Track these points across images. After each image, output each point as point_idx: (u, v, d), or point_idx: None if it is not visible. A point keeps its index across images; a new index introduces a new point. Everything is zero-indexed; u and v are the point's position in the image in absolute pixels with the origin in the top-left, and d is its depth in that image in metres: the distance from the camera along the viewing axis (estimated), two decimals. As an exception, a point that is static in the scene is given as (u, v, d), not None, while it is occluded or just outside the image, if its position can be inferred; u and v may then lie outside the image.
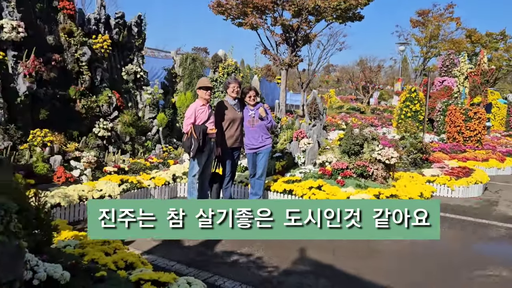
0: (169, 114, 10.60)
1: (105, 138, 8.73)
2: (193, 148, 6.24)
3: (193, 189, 6.57)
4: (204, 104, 6.34)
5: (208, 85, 6.36)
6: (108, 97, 9.24)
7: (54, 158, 7.12)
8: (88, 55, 9.01)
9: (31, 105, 7.86)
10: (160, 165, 8.87)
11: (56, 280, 2.63)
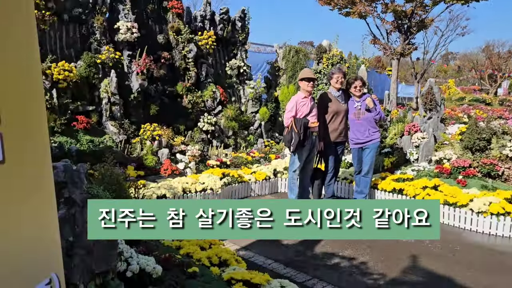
0: (272, 108, 10.56)
1: (209, 132, 9.01)
2: (294, 143, 6.05)
3: (294, 185, 6.38)
4: (306, 97, 6.10)
5: (311, 76, 6.10)
6: (212, 92, 9.52)
7: (162, 151, 7.53)
8: (194, 52, 9.38)
9: (143, 101, 8.44)
10: (261, 159, 8.86)
11: (148, 273, 2.63)
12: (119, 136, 7.57)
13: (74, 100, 7.42)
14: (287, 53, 11.62)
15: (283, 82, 11.47)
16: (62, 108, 7.24)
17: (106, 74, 7.93)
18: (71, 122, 7.22)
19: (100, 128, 7.68)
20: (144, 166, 7.16)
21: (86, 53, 7.85)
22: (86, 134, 7.26)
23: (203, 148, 8.62)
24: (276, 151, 9.44)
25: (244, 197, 7.40)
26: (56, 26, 7.82)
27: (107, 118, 7.71)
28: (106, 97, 7.66)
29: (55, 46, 7.85)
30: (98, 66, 7.85)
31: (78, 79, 7.51)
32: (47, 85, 7.07)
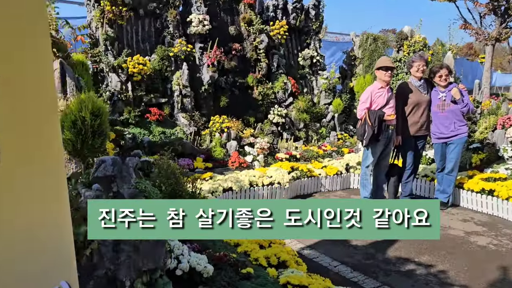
0: (346, 99, 10.11)
1: (279, 125, 8.85)
2: (367, 136, 5.68)
3: (366, 181, 6.01)
4: (383, 87, 5.70)
5: (389, 65, 5.68)
6: (283, 83, 9.33)
7: (230, 144, 7.53)
8: (265, 42, 9.25)
9: (213, 93, 8.51)
10: (333, 153, 8.51)
11: (199, 272, 2.53)
12: (189, 128, 7.70)
13: (147, 93, 7.69)
14: (364, 41, 11.02)
15: (359, 72, 10.92)
16: (137, 100, 7.53)
17: (178, 66, 8.10)
18: (144, 114, 7.49)
19: (172, 120, 7.88)
20: (213, 158, 7.21)
21: (159, 46, 8.08)
22: (158, 126, 7.49)
23: (273, 140, 8.48)
24: (349, 144, 9.02)
25: (313, 192, 7.16)
26: (132, 21, 8.15)
27: (179, 110, 7.88)
28: (177, 90, 7.83)
29: (131, 40, 8.19)
30: (170, 59, 8.04)
31: (152, 72, 7.76)
32: (123, 78, 7.40)
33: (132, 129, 7.16)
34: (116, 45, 7.65)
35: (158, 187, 2.96)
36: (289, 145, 8.28)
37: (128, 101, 7.34)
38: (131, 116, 7.21)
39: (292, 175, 6.80)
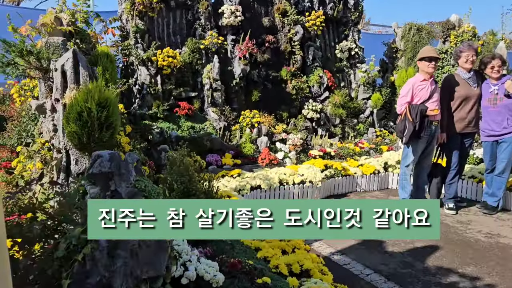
0: (386, 94, 9.59)
1: (314, 120, 8.49)
2: (407, 133, 5.27)
3: (406, 182, 5.59)
4: (426, 79, 5.27)
5: (432, 55, 5.24)
6: (319, 77, 8.96)
7: (261, 140, 7.27)
8: (300, 34, 8.91)
9: (245, 87, 8.28)
10: (371, 151, 8.07)
11: (208, 281, 2.29)
12: (219, 122, 7.51)
13: (177, 86, 7.56)
14: (406, 32, 10.41)
15: (401, 65, 10.33)
16: (166, 94, 7.42)
17: (209, 59, 7.93)
18: (173, 108, 7.37)
19: (201, 114, 7.72)
20: (242, 154, 6.99)
21: (190, 39, 7.94)
22: (187, 120, 7.35)
23: (306, 137, 8.15)
24: (389, 142, 8.53)
25: (348, 192, 6.78)
26: (163, 13, 8.05)
27: (209, 105, 7.71)
28: (208, 83, 7.66)
29: (162, 33, 8.09)
30: (201, 51, 7.88)
31: (182, 65, 7.62)
32: (152, 72, 7.30)
33: (160, 123, 7.06)
34: (147, 37, 7.57)
35: (170, 185, 2.75)
36: (323, 141, 7.92)
37: (157, 95, 7.24)
38: (159, 110, 7.10)
39: (325, 174, 6.45)
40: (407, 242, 4.56)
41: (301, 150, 7.43)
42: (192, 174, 2.80)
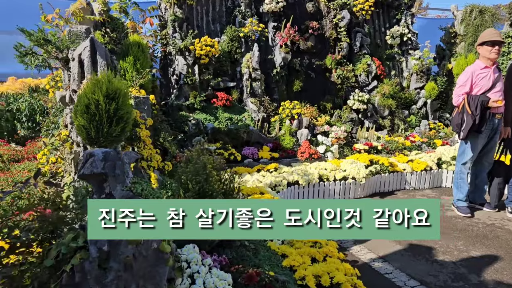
0: (442, 83, 8.84)
1: (360, 112, 7.97)
2: (465, 127, 4.72)
3: (462, 181, 5.04)
4: (488, 67, 4.70)
5: (496, 39, 4.64)
6: (367, 65, 8.39)
7: (301, 132, 6.89)
8: (347, 19, 8.38)
9: (286, 76, 7.91)
10: (423, 145, 7.45)
11: (216, 295, 2.00)
12: (258, 114, 7.21)
13: (215, 76, 7.33)
14: (467, 15, 9.53)
15: (460, 51, 9.49)
16: (204, 84, 7.22)
17: (248, 48, 7.63)
18: (211, 99, 7.16)
19: (240, 105, 7.46)
20: (281, 147, 6.65)
21: (229, 26, 7.67)
22: (225, 111, 7.11)
23: (351, 129, 7.65)
24: (444, 135, 7.85)
25: (395, 190, 6.27)
26: (202, 0, 7.83)
27: (248, 95, 7.42)
28: (247, 73, 7.37)
29: (201, 21, 7.89)
30: (241, 40, 7.59)
31: (220, 54, 7.38)
32: (189, 61, 7.12)
33: (197, 114, 6.87)
34: (185, 26, 7.40)
35: (184, 184, 2.48)
36: (370, 134, 7.39)
37: (194, 85, 7.05)
38: (196, 101, 6.91)
39: (370, 170, 5.98)
40: (461, 250, 4.06)
41: (345, 143, 6.97)
42: (210, 172, 2.51)
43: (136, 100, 4.67)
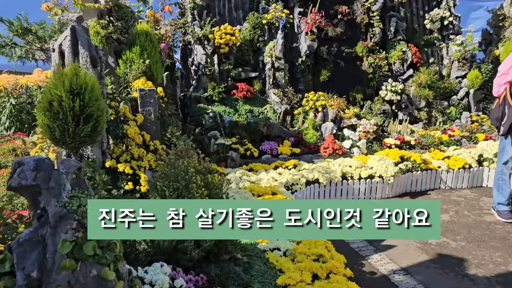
0: (487, 71, 8.10)
1: (393, 103, 7.43)
2: (506, 121, 4.20)
3: (503, 182, 4.52)
4: (537, 52, 4.10)
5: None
6: (402, 52, 7.81)
7: (326, 126, 6.47)
8: (380, 3, 7.82)
9: (312, 65, 7.49)
10: (464, 139, 6.84)
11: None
12: (281, 106, 6.85)
13: (236, 66, 7.02)
14: (518, -5, 8.67)
15: (510, 35, 8.66)
16: (224, 74, 6.93)
17: (272, 36, 7.25)
18: (231, 90, 6.87)
19: (262, 96, 7.12)
20: (303, 142, 6.28)
21: (251, 13, 7.32)
22: (246, 103, 6.80)
23: (383, 122, 7.14)
24: (487, 129, 7.19)
25: (428, 190, 5.77)
26: (225, -14, 7.53)
27: (270, 86, 7.07)
28: (269, 62, 7.01)
29: (223, 9, 7.59)
30: (263, 27, 7.23)
31: (242, 42, 7.05)
32: (208, 51, 6.85)
33: (216, 106, 6.61)
34: (204, 14, 7.12)
35: (161, 191, 2.20)
36: (403, 128, 6.86)
37: (213, 76, 6.78)
38: (215, 92, 6.64)
39: (400, 167, 5.52)
40: (498, 263, 3.58)
41: (374, 138, 6.49)
42: (192, 178, 2.22)
43: (141, 93, 4.46)
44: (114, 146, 3.19)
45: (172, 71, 7.13)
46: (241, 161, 5.63)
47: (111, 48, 4.78)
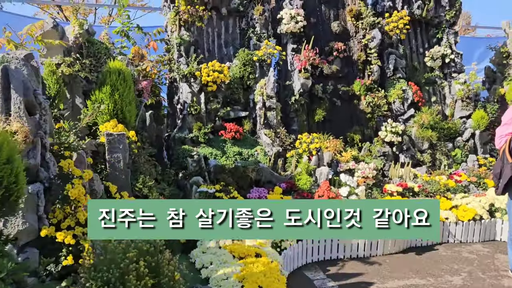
0: (493, 111, 7.70)
1: (394, 145, 6.95)
2: (502, 181, 3.73)
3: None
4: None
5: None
6: (402, 90, 7.42)
7: (321, 170, 5.97)
8: (378, 39, 7.50)
9: (307, 104, 7.07)
10: (471, 185, 6.34)
11: None
12: (272, 148, 6.37)
13: (225, 105, 6.60)
14: (521, 32, 8.38)
15: (515, 73, 8.31)
16: (211, 114, 6.49)
17: (264, 73, 6.87)
18: (219, 131, 6.41)
19: (253, 137, 6.66)
20: (296, 188, 5.76)
21: (242, 50, 6.97)
22: (234, 145, 6.33)
23: (383, 166, 6.66)
24: (497, 174, 6.66)
25: (435, 244, 5.21)
26: (214, 22, 7.22)
27: (261, 126, 6.62)
28: (260, 101, 6.58)
29: (212, 45, 7.26)
30: (254, 64, 6.85)
31: (231, 80, 6.66)
32: (195, 89, 6.44)
33: (202, 148, 6.13)
34: (192, 50, 6.75)
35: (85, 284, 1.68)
36: (405, 172, 6.35)
37: (200, 116, 6.34)
38: (200, 133, 6.18)
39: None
40: None
41: (374, 183, 5.99)
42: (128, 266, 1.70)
43: (109, 138, 3.98)
44: (58, 208, 2.69)
45: (158, 109, 6.72)
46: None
47: (79, 88, 4.35)
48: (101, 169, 3.99)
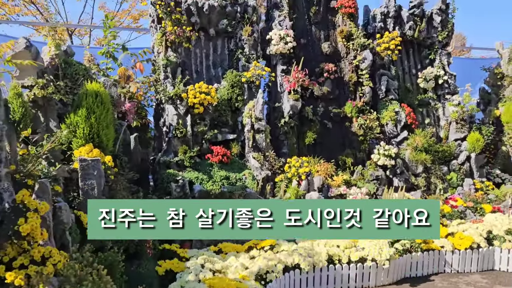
0: (488, 133, 7.57)
1: (387, 168, 6.77)
2: None
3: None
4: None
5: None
6: (394, 112, 7.28)
7: (310, 196, 5.75)
8: (369, 61, 7.39)
9: (297, 127, 6.91)
10: (468, 211, 6.14)
11: None
12: (261, 172, 6.16)
13: (212, 128, 6.42)
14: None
15: (510, 94, 8.21)
16: (198, 137, 6.31)
17: (252, 95, 6.72)
18: (205, 154, 6.21)
19: (241, 161, 6.46)
20: (285, 215, 5.52)
21: (230, 71, 6.83)
22: (221, 169, 6.12)
23: (376, 190, 6.45)
24: (494, 198, 6.50)
25: (431, 274, 4.98)
26: (202, 43, 7.11)
27: (250, 149, 6.43)
28: (249, 123, 6.41)
29: (200, 66, 7.12)
30: (243, 86, 6.70)
31: (219, 102, 6.50)
32: (181, 111, 6.27)
33: (187, 173, 5.92)
34: (179, 71, 6.61)
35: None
36: (399, 197, 6.14)
37: (185, 139, 6.15)
38: (185, 157, 5.98)
39: (396, 247, 4.76)
40: None
41: (367, 209, 5.75)
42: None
43: (82, 164, 3.77)
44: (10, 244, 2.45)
45: (144, 132, 6.52)
46: (209, 240, 4.85)
47: (54, 111, 4.15)
48: (73, 197, 3.77)
